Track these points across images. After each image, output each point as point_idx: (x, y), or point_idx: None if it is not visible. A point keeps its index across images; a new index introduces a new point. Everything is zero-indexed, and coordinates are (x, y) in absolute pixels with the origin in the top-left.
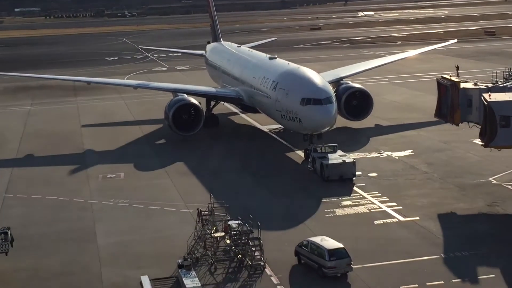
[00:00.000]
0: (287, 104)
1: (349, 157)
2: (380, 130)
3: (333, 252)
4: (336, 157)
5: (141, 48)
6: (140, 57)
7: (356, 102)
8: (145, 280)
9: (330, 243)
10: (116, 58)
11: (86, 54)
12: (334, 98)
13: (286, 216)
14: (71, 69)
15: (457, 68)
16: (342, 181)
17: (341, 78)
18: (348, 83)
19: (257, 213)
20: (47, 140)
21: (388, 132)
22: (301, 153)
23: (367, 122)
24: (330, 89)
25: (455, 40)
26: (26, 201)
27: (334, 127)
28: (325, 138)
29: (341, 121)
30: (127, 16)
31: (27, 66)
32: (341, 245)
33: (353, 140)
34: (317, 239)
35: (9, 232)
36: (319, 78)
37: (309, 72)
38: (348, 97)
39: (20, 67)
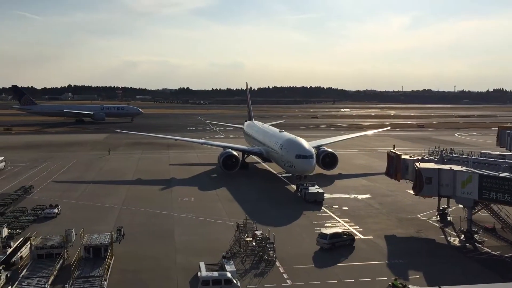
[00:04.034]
0: (287, 158)
1: (321, 189)
2: (341, 176)
3: (322, 235)
4: (313, 189)
5: (208, 122)
6: (208, 128)
7: (328, 159)
8: (202, 264)
9: (326, 230)
10: (194, 128)
11: (176, 125)
12: (314, 156)
13: (288, 224)
14: (167, 133)
15: (394, 146)
16: (316, 202)
17: (321, 145)
18: (325, 148)
19: (272, 223)
20: (149, 173)
21: (344, 178)
22: (294, 186)
23: (334, 172)
24: (312, 150)
25: (389, 127)
26: (134, 211)
27: (314, 173)
28: (308, 178)
29: (318, 170)
30: (202, 103)
31: (141, 130)
32: (328, 232)
33: (325, 180)
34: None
35: (122, 229)
36: (307, 144)
37: (301, 140)
38: (323, 156)
39: (137, 130)
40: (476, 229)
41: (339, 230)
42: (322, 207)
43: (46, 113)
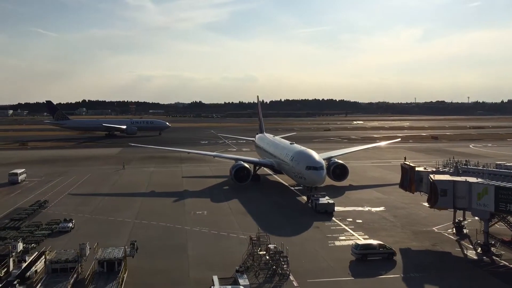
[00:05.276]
0: (298, 169)
1: (331, 200)
2: (352, 188)
3: (354, 245)
4: (324, 200)
5: (221, 135)
6: (220, 141)
7: (338, 171)
8: (215, 278)
9: (361, 242)
10: (207, 141)
11: (189, 138)
12: (324, 167)
13: (302, 237)
14: (180, 146)
15: (405, 158)
16: (327, 213)
17: (331, 157)
18: (335, 160)
19: (285, 235)
20: (163, 186)
21: (356, 189)
22: (304, 197)
23: (344, 183)
24: (323, 162)
25: (399, 139)
26: (147, 225)
27: (324, 184)
28: (319, 190)
29: (328, 181)
30: (214, 117)
31: (154, 143)
32: (360, 243)
33: (336, 192)
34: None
35: (135, 243)
36: (317, 155)
37: (311, 152)
38: (334, 168)
39: (150, 144)
40: (493, 242)
41: (374, 242)
42: (336, 220)
43: (80, 128)
